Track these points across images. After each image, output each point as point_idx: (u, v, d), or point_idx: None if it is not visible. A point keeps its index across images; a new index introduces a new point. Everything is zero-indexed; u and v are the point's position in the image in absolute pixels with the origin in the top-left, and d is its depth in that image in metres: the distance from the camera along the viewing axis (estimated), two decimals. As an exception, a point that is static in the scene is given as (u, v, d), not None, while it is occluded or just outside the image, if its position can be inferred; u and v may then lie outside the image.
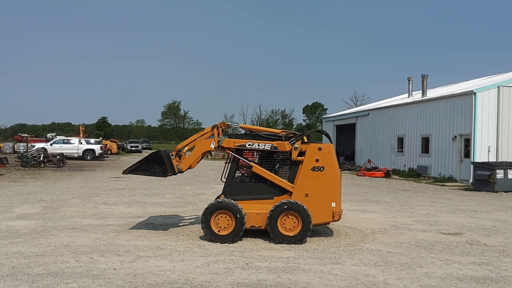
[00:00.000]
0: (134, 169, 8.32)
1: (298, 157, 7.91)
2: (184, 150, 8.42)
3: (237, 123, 8.49)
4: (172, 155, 8.18)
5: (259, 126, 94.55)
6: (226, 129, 8.40)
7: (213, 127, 8.22)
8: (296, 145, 7.87)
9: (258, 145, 8.00)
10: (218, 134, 8.17)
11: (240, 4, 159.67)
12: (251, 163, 7.97)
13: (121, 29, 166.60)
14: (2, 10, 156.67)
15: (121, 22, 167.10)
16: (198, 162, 8.34)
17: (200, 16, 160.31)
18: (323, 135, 9.32)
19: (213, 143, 8.14)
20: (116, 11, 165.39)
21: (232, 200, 7.67)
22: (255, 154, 8.37)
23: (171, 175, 8.36)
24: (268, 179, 7.91)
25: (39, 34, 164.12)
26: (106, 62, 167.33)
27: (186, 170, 8.37)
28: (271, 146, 7.95)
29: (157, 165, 8.10)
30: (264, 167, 8.01)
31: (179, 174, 8.41)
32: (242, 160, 8.06)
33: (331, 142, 8.50)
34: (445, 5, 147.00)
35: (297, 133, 8.15)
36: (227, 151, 8.14)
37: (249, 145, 8.02)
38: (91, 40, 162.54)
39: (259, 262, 6.40)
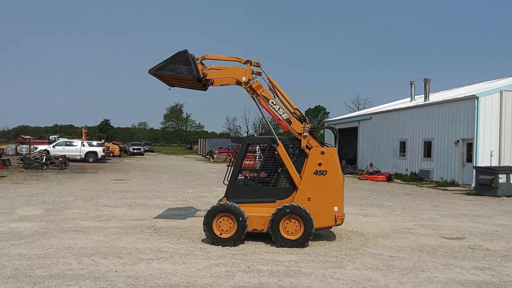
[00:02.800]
0: (160, 68, 7.97)
1: (306, 149, 7.91)
2: (208, 67, 8.27)
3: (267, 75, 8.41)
4: (197, 59, 8.07)
5: (261, 129, 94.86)
6: (256, 73, 8.32)
7: (246, 61, 8.20)
8: (305, 134, 7.89)
9: (279, 109, 8.05)
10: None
11: (241, 7, 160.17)
12: (279, 141, 7.94)
13: (124, 31, 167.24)
14: (4, 12, 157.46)
15: (123, 24, 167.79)
16: (221, 85, 8.27)
17: (202, 18, 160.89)
18: (326, 135, 9.36)
19: (245, 77, 8.11)
20: (118, 13, 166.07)
21: (234, 203, 7.68)
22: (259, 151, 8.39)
23: (196, 79, 8.05)
24: (285, 164, 7.88)
25: (41, 36, 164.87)
26: (108, 64, 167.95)
27: (208, 82, 8.28)
28: (287, 118, 8.01)
29: (183, 65, 7.88)
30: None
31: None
32: (266, 107, 8.07)
33: (336, 143, 8.49)
34: (448, 9, 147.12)
35: (305, 117, 8.17)
36: (251, 93, 8.11)
37: (272, 102, 8.08)
38: (94, 42, 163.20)
39: (260, 266, 6.40)
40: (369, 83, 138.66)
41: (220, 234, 7.59)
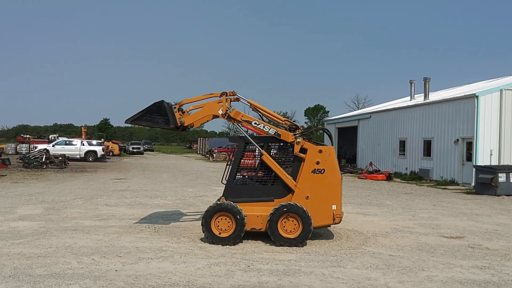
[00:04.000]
0: (136, 119, 8.12)
1: (300, 154, 7.91)
2: (188, 109, 8.31)
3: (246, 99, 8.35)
4: (174, 108, 8.11)
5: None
6: (234, 100, 8.31)
7: (222, 94, 8.18)
8: (298, 140, 7.88)
9: (263, 127, 8.02)
10: (227, 104, 8.13)
11: (242, 6, 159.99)
12: (263, 151, 7.94)
13: (124, 31, 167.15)
14: (4, 11, 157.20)
15: (123, 23, 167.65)
16: (201, 124, 8.30)
17: (203, 18, 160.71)
18: (325, 136, 9.35)
19: (221, 110, 8.11)
20: (119, 12, 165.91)
21: (231, 202, 7.67)
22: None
23: (173, 128, 8.22)
24: (274, 171, 7.88)
25: (41, 36, 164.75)
26: (108, 63, 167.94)
27: (188, 126, 8.35)
28: (275, 132, 7.97)
29: (160, 116, 7.98)
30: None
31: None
32: (251, 128, 8.11)
33: (332, 143, 8.49)
34: (448, 8, 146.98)
35: (298, 125, 8.15)
36: (232, 121, 8.13)
37: (255, 123, 8.05)
38: (94, 41, 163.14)
39: (260, 265, 6.40)
40: (368, 82, 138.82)
41: (219, 233, 7.59)
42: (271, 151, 8.20)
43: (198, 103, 8.43)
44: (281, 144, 8.13)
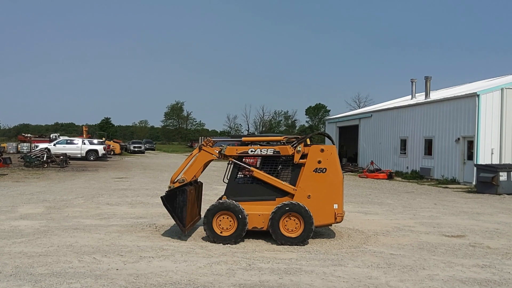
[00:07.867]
0: (181, 223, 7.68)
1: (301, 160, 7.91)
2: (181, 177, 8.11)
3: (223, 137, 8.30)
4: (169, 186, 7.92)
5: (262, 127, 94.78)
6: (213, 145, 8.31)
7: (199, 148, 8.17)
8: (298, 148, 7.88)
9: (261, 151, 8.00)
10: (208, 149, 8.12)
11: (243, 5, 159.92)
12: (252, 168, 7.98)
13: (125, 30, 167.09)
14: (4, 10, 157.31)
15: (124, 22, 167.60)
16: (201, 172, 8.23)
17: (204, 17, 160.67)
18: (326, 137, 9.33)
19: (214, 154, 8.12)
20: (119, 11, 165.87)
21: (233, 201, 7.68)
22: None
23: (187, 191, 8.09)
24: (269, 182, 7.92)
25: (42, 35, 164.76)
26: (109, 62, 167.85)
27: (192, 179, 8.24)
28: (274, 151, 7.95)
29: (172, 200, 7.75)
30: (266, 170, 8.02)
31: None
32: (244, 166, 8.08)
33: (334, 144, 8.51)
34: (449, 6, 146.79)
35: (299, 136, 8.17)
36: (230, 159, 8.14)
37: (251, 151, 8.02)
38: (95, 40, 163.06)
39: (261, 263, 6.40)
40: (370, 81, 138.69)
41: (221, 232, 7.60)
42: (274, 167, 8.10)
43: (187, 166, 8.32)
44: (282, 158, 8.05)
